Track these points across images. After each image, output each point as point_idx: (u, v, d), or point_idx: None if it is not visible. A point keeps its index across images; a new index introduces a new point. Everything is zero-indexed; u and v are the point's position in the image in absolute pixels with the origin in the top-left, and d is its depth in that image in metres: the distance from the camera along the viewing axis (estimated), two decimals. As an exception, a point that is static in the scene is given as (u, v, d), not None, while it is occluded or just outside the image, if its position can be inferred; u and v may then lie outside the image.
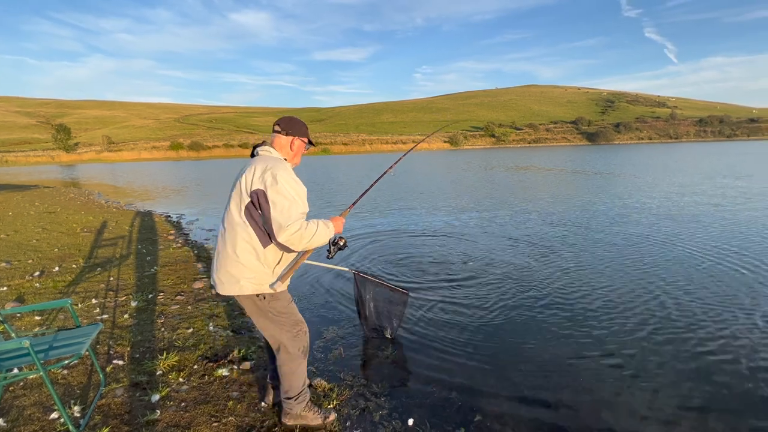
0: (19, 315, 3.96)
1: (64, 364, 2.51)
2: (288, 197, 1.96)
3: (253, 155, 2.21)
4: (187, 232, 8.47)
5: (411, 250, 6.61)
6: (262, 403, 2.57)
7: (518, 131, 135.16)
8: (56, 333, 2.54)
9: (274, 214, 1.94)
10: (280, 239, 1.95)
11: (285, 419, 2.36)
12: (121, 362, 3.06)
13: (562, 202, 11.52)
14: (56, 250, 6.65)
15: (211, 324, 3.75)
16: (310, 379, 2.80)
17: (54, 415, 2.42)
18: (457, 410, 2.63)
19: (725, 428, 2.45)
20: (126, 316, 3.92)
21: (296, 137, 2.21)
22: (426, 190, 15.35)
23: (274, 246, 2.06)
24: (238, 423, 2.40)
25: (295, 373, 2.26)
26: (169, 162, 64.95)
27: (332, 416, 2.44)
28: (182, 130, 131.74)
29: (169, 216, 10.78)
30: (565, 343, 3.46)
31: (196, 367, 3.01)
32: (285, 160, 2.18)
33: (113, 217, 10.16)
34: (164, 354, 3.14)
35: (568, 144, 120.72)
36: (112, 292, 4.61)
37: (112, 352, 3.21)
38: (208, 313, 4.01)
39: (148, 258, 6.14)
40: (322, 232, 2.05)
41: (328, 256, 2.41)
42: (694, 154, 39.98)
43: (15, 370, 2.64)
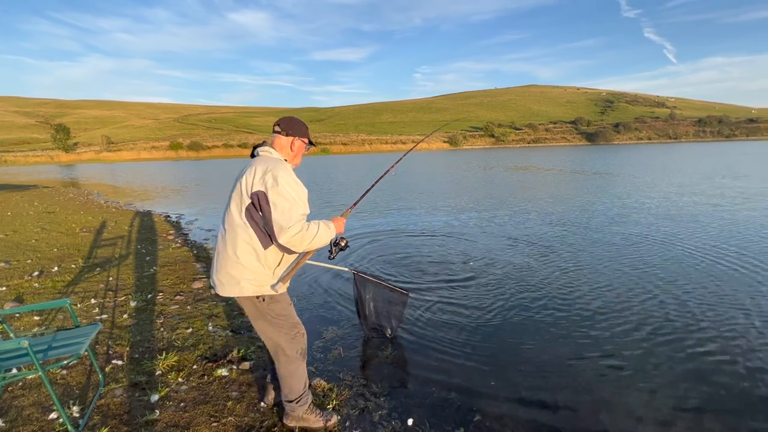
0: (18, 315, 3.95)
1: (63, 364, 2.51)
2: (289, 199, 1.95)
3: (253, 155, 2.20)
4: (186, 232, 8.46)
5: (410, 250, 6.61)
6: (262, 403, 2.57)
7: (517, 131, 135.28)
8: (55, 333, 2.54)
9: (275, 215, 1.93)
10: (281, 241, 1.95)
11: (286, 421, 2.36)
12: (120, 362, 3.06)
13: (562, 202, 11.53)
14: (55, 250, 6.65)
15: (211, 324, 3.75)
16: (310, 380, 2.80)
17: (53, 415, 2.42)
18: (457, 410, 2.63)
19: (723, 429, 2.45)
20: (125, 316, 3.91)
21: (296, 138, 2.20)
22: (425, 190, 15.35)
23: (275, 247, 2.05)
24: (238, 423, 2.40)
25: (295, 376, 2.26)
26: (169, 162, 64.92)
27: (334, 419, 2.44)
28: (181, 130, 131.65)
29: (169, 216, 10.77)
30: (564, 344, 3.47)
31: (195, 367, 3.01)
32: (285, 160, 2.18)
33: (112, 217, 10.15)
34: (163, 354, 3.14)
35: (568, 144, 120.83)
36: (111, 292, 4.60)
37: (111, 352, 3.21)
38: (207, 313, 4.01)
39: (148, 258, 6.13)
40: (323, 233, 2.05)
41: (330, 257, 2.40)
42: (693, 154, 40.03)
43: (14, 371, 2.63)
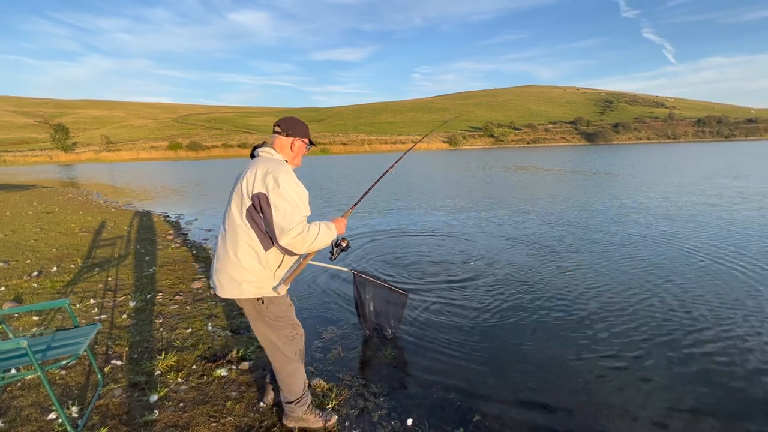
0: (16, 315, 3.95)
1: (62, 364, 2.51)
2: (290, 201, 1.95)
3: (252, 156, 2.20)
4: (185, 232, 8.46)
5: (409, 250, 6.61)
6: (261, 404, 2.56)
7: (517, 131, 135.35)
8: (54, 333, 2.54)
9: (276, 218, 1.93)
10: (283, 243, 1.94)
11: (286, 421, 2.36)
12: (119, 362, 3.05)
13: (561, 202, 11.53)
14: (54, 250, 6.64)
15: (210, 324, 3.75)
16: (309, 380, 2.80)
17: (52, 416, 2.42)
18: (456, 410, 2.63)
19: (722, 430, 2.45)
20: (124, 317, 3.91)
21: (297, 138, 2.20)
22: (425, 190, 15.35)
23: (276, 249, 2.04)
24: (237, 423, 2.40)
25: (293, 377, 2.26)
26: (168, 162, 64.85)
27: (333, 419, 2.44)
28: (181, 130, 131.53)
29: (168, 216, 10.76)
30: (563, 344, 3.47)
31: (194, 367, 3.00)
32: (286, 161, 2.17)
33: (112, 217, 10.14)
34: (163, 354, 3.13)
35: (567, 144, 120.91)
36: (110, 293, 4.60)
37: (110, 353, 3.21)
38: (206, 313, 4.01)
39: (147, 258, 6.13)
40: (324, 235, 2.04)
41: (331, 258, 2.41)
42: (692, 154, 40.08)
43: (13, 371, 2.63)
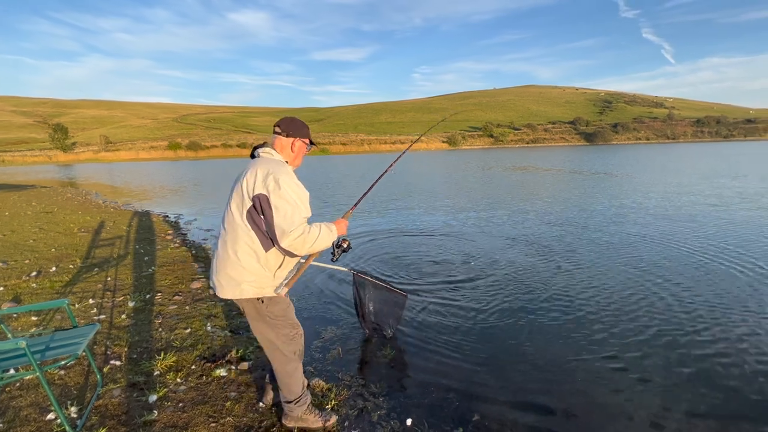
0: (15, 315, 3.94)
1: (61, 364, 2.51)
2: (291, 202, 1.94)
3: (253, 156, 2.20)
4: (185, 232, 8.45)
5: (409, 250, 6.61)
6: (260, 404, 2.56)
7: (516, 131, 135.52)
8: (53, 333, 2.53)
9: (277, 219, 1.92)
10: (283, 245, 1.94)
11: (285, 421, 2.36)
12: (118, 363, 3.05)
13: (560, 202, 11.54)
14: (53, 250, 6.63)
15: (209, 324, 3.74)
16: (309, 380, 2.80)
17: (51, 416, 2.41)
18: (455, 410, 2.63)
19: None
20: (123, 317, 3.90)
21: (297, 138, 2.19)
22: (424, 190, 15.36)
23: (276, 250, 2.04)
24: (236, 423, 2.39)
25: (293, 377, 2.26)
26: (167, 162, 64.82)
27: (333, 419, 2.44)
28: (180, 130, 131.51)
29: (167, 216, 10.75)
30: (563, 344, 3.47)
31: (193, 367, 3.00)
32: (286, 162, 2.17)
33: (111, 217, 10.13)
34: (162, 354, 3.13)
35: (566, 144, 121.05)
36: (109, 293, 4.59)
37: (109, 353, 3.20)
38: (206, 314, 4.01)
39: (146, 258, 6.12)
40: (325, 236, 2.04)
41: (333, 259, 2.42)
42: (692, 154, 40.13)
43: (11, 371, 2.63)
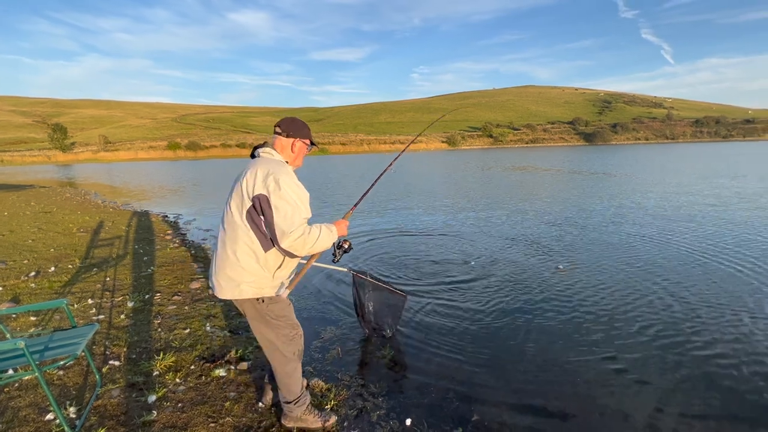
0: (14, 316, 3.93)
1: (60, 364, 2.50)
2: (291, 203, 1.94)
3: (253, 156, 2.19)
4: (184, 232, 8.44)
5: (408, 250, 6.61)
6: (260, 404, 2.56)
7: (516, 131, 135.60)
8: (52, 333, 2.53)
9: (277, 220, 1.91)
10: (283, 245, 1.93)
11: (284, 421, 2.35)
12: (117, 363, 3.04)
13: (559, 202, 11.55)
14: (52, 250, 6.62)
15: (208, 324, 3.74)
16: (308, 380, 2.80)
17: (50, 416, 2.41)
18: (455, 410, 2.63)
19: None
20: (122, 317, 3.90)
21: (297, 139, 2.19)
22: (423, 190, 15.36)
23: (276, 251, 2.03)
24: (235, 423, 2.39)
25: (292, 377, 2.25)
26: (166, 162, 64.76)
27: (332, 419, 2.43)
28: (179, 130, 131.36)
29: (166, 216, 10.74)
30: (563, 344, 3.47)
31: (193, 367, 3.00)
32: (286, 162, 2.16)
33: (110, 217, 10.11)
34: (161, 354, 3.13)
35: (566, 144, 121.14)
36: (108, 293, 4.59)
37: (108, 353, 3.20)
38: (205, 314, 4.00)
39: (145, 258, 6.11)
40: (325, 237, 2.03)
41: (334, 260, 2.42)
42: (691, 154, 40.19)
43: (10, 371, 2.62)
